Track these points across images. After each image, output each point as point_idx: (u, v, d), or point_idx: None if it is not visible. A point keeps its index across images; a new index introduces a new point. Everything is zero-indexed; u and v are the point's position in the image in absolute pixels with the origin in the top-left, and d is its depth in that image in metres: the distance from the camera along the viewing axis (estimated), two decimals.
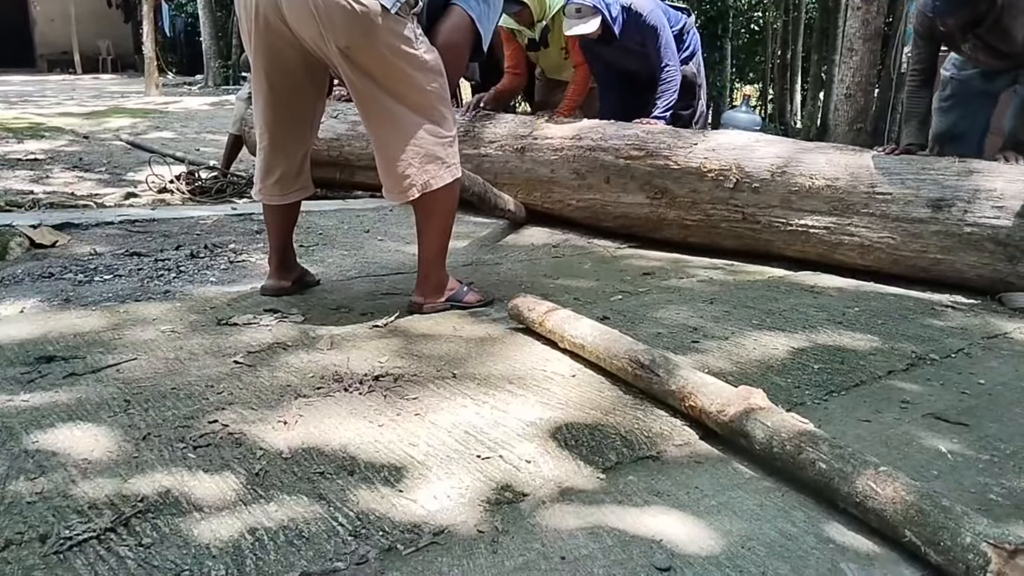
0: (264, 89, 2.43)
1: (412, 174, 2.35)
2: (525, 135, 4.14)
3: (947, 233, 2.96)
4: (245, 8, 2.29)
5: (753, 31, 20.73)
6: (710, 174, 3.48)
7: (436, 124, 2.36)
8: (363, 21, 2.16)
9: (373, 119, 2.37)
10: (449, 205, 2.48)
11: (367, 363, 2.00)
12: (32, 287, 2.74)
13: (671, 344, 2.24)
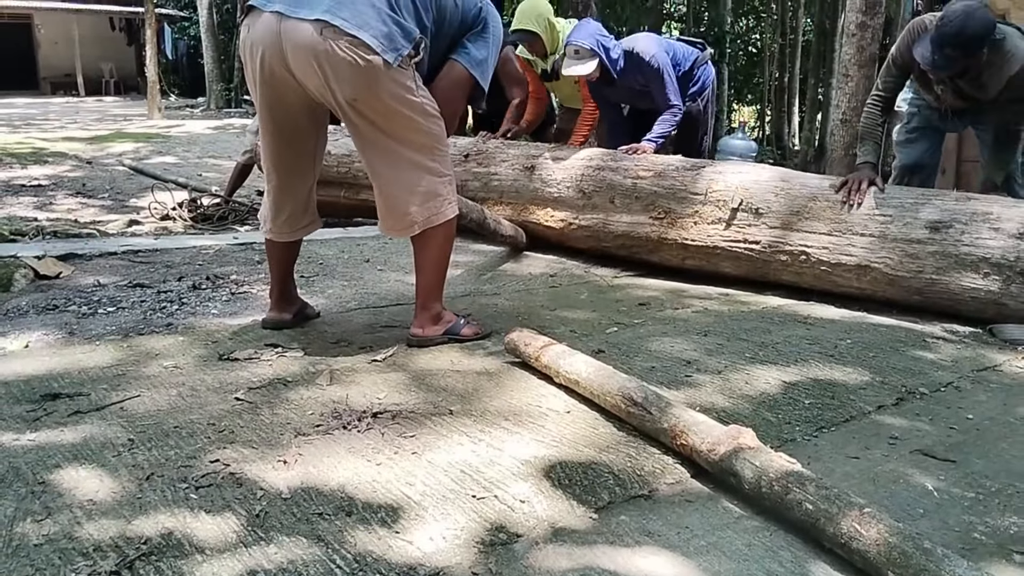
0: (270, 132, 2.49)
1: (414, 211, 2.42)
2: (536, 155, 4.22)
3: (944, 254, 3.02)
4: (251, 56, 2.36)
5: (751, 53, 20.90)
6: (714, 195, 3.54)
7: (436, 163, 2.44)
8: (367, 75, 2.22)
9: (376, 161, 2.44)
10: (447, 240, 2.54)
11: (366, 399, 2.04)
12: (37, 320, 2.78)
13: (664, 378, 2.27)
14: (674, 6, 20.47)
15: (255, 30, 2.32)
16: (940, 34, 3.05)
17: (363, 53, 2.20)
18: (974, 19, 3.00)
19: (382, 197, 2.47)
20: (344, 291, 3.29)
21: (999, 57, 3.13)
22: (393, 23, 2.26)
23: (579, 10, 8.16)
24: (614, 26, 15.25)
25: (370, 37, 2.21)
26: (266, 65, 2.31)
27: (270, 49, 2.29)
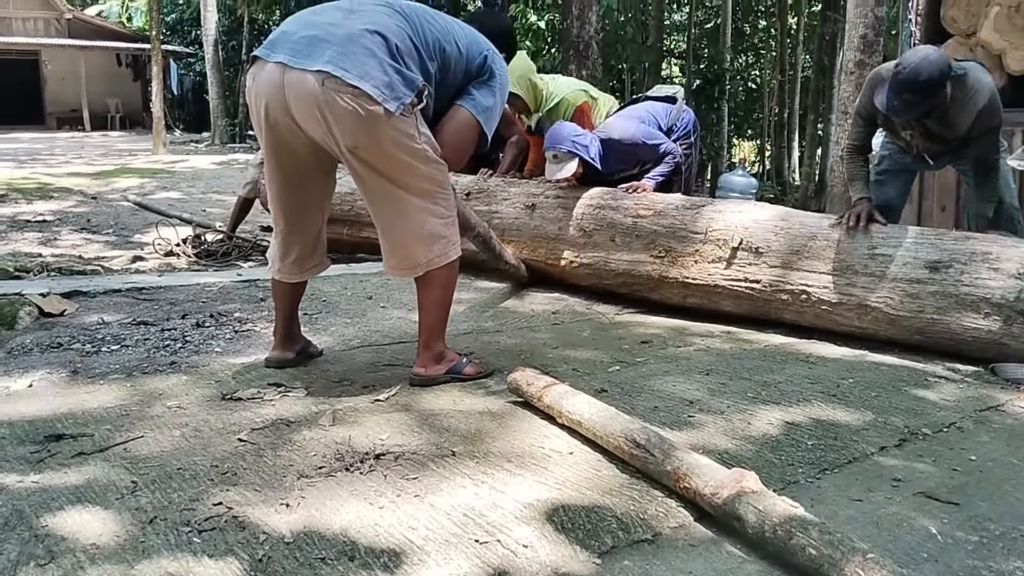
0: (278, 178, 2.53)
1: (418, 254, 2.45)
2: (537, 193, 4.26)
3: (944, 293, 3.03)
4: (255, 105, 2.40)
5: (750, 89, 21.10)
6: (714, 233, 3.57)
7: (439, 206, 2.47)
8: (368, 124, 2.26)
9: (379, 205, 2.47)
10: (449, 280, 2.56)
11: (368, 440, 2.04)
12: (41, 358, 2.79)
13: (667, 419, 2.28)
14: (674, 44, 20.72)
15: (259, 80, 2.37)
16: (898, 81, 3.11)
17: (364, 103, 2.24)
18: (929, 62, 3.07)
19: (386, 239, 2.50)
20: (347, 329, 3.31)
21: (963, 93, 3.19)
22: (395, 72, 2.29)
23: (580, 50, 8.26)
24: (614, 64, 15.45)
25: (371, 87, 2.24)
26: (271, 114, 2.36)
27: (274, 99, 2.33)
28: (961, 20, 5.41)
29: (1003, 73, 5.23)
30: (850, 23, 6.51)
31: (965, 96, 3.20)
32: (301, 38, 2.33)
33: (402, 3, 2.49)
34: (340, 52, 2.26)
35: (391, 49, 2.31)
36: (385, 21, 2.35)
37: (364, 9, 2.41)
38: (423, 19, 2.44)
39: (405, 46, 2.34)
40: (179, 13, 25.47)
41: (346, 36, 2.29)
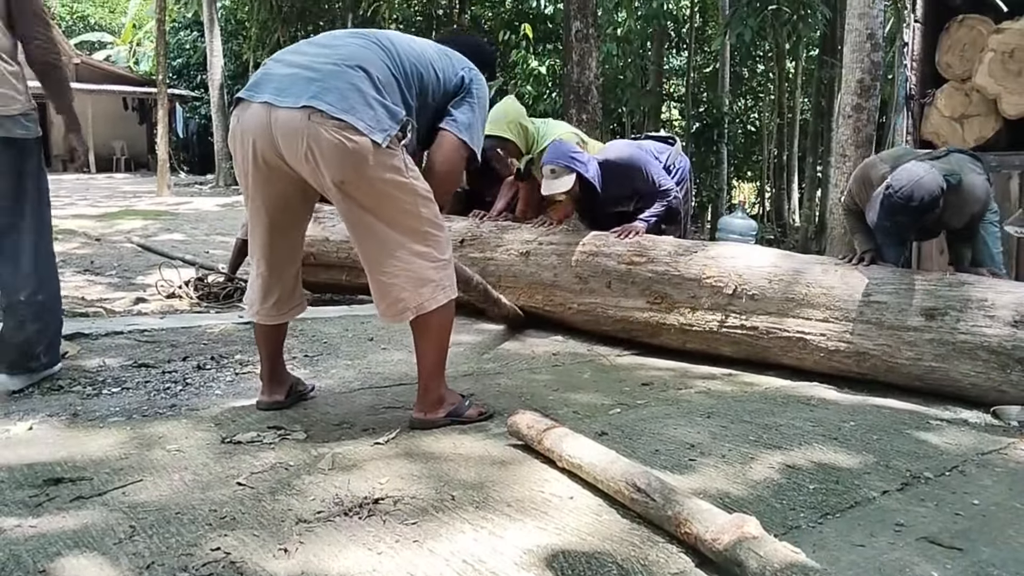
0: (263, 222, 2.53)
1: (406, 297, 2.43)
2: (530, 240, 4.28)
3: (941, 341, 3.03)
4: (242, 144, 2.42)
5: (749, 132, 21.30)
6: (709, 280, 3.58)
7: (429, 248, 2.45)
8: (355, 157, 2.28)
9: (366, 245, 2.46)
10: (444, 323, 2.54)
11: (367, 484, 2.04)
12: (41, 401, 2.79)
13: (668, 463, 2.27)
14: (673, 88, 20.97)
15: (244, 120, 2.39)
16: (890, 203, 3.10)
17: (350, 135, 2.26)
18: (921, 186, 3.04)
19: (374, 282, 2.49)
20: (347, 371, 3.31)
21: (959, 198, 3.22)
22: (379, 104, 2.33)
23: (580, 94, 8.37)
24: (614, 107, 15.62)
25: (356, 120, 2.27)
26: (259, 154, 2.38)
27: (261, 138, 2.35)
28: (956, 65, 5.49)
29: (998, 117, 5.29)
30: (847, 68, 6.61)
31: (961, 201, 3.23)
32: (284, 77, 2.36)
33: (378, 33, 2.55)
34: (324, 87, 2.29)
35: (373, 82, 2.34)
36: (365, 54, 2.39)
37: (343, 43, 2.45)
38: (400, 48, 2.48)
39: (386, 78, 2.38)
40: (186, 58, 25.87)
41: (328, 72, 2.33)
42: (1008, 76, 5.19)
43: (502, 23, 18.51)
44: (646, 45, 16.62)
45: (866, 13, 6.33)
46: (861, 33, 6.35)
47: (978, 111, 5.39)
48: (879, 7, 6.32)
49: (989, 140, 5.37)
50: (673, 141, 4.63)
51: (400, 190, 2.38)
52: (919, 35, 5.57)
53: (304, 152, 2.29)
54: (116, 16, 33.66)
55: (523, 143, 4.53)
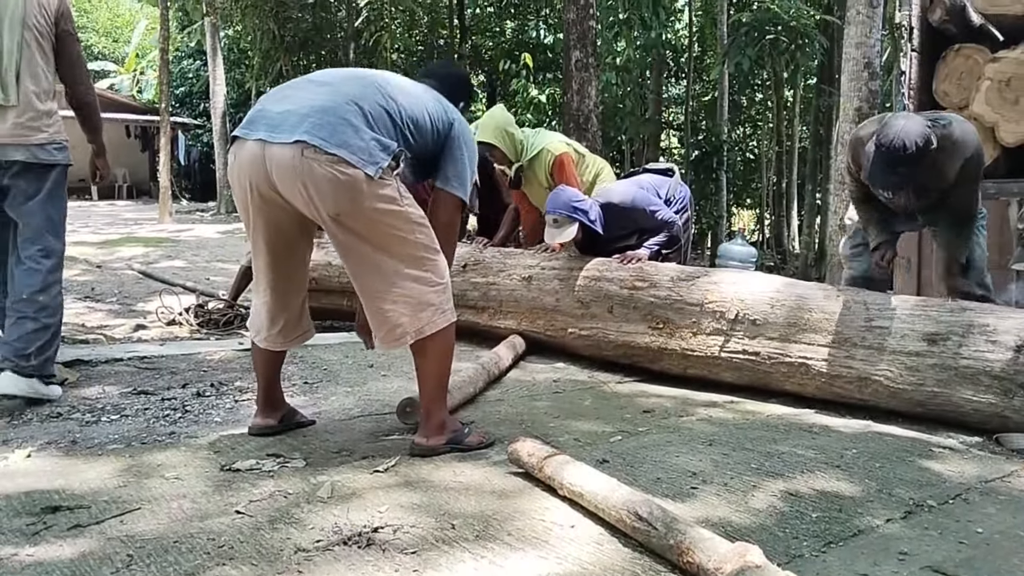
0: (264, 253, 2.56)
1: (405, 323, 2.43)
2: (532, 265, 4.29)
3: (943, 366, 3.03)
4: (239, 181, 2.45)
5: (748, 160, 21.42)
6: (711, 305, 3.58)
7: (427, 272, 2.46)
8: (349, 189, 2.30)
9: (363, 274, 2.46)
10: (445, 347, 2.54)
11: (367, 513, 2.02)
12: (40, 428, 2.78)
13: (670, 491, 2.25)
14: (672, 116, 21.13)
15: (240, 158, 2.42)
16: (884, 157, 3.02)
17: (343, 168, 2.29)
18: (907, 131, 2.98)
19: (371, 311, 2.49)
20: (347, 398, 3.30)
21: (951, 143, 3.15)
22: (371, 138, 2.36)
23: (579, 122, 8.43)
24: (614, 135, 15.73)
25: (349, 153, 2.30)
26: (255, 190, 2.41)
27: (256, 175, 2.38)
28: (953, 94, 5.53)
29: (996, 145, 5.32)
30: (845, 96, 6.68)
31: (953, 146, 3.16)
32: (278, 114, 2.40)
33: (370, 73, 2.60)
34: (316, 123, 2.32)
35: (365, 116, 2.38)
36: (358, 91, 2.43)
37: (336, 81, 2.50)
38: (392, 87, 2.52)
39: (377, 112, 2.41)
40: (188, 86, 26.08)
41: (321, 107, 2.37)
42: (1005, 104, 5.22)
43: (503, 53, 18.73)
44: (645, 74, 16.78)
45: (863, 43, 6.40)
46: (859, 62, 6.42)
47: None
48: (876, 37, 6.39)
49: (988, 168, 5.38)
50: (672, 172, 4.65)
51: (395, 218, 2.40)
52: (916, 64, 5.61)
53: (298, 187, 2.32)
54: (120, 46, 34.00)
55: (511, 150, 4.55)
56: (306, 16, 20.51)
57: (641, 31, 14.53)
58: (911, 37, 5.52)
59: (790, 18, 12.95)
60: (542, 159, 4.60)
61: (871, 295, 3.35)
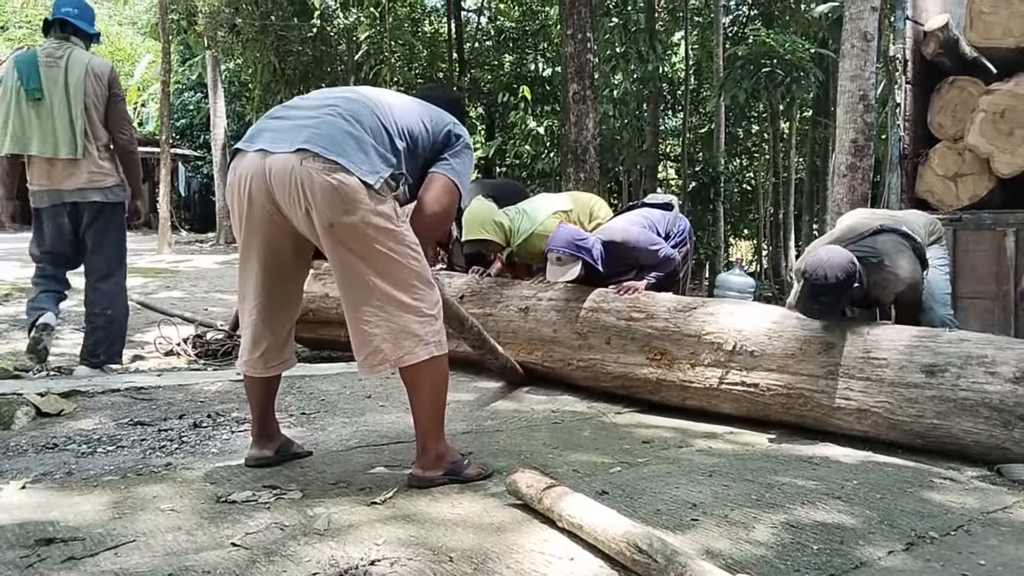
0: (256, 272, 2.55)
1: (385, 349, 2.41)
2: (529, 296, 4.29)
3: (942, 398, 3.01)
4: (239, 195, 2.46)
5: (745, 191, 21.53)
6: (708, 336, 3.58)
7: (416, 301, 2.44)
8: (346, 197, 2.31)
9: (351, 293, 2.44)
10: (436, 379, 2.51)
11: (363, 546, 2.00)
12: (36, 459, 2.76)
13: (670, 522, 2.23)
14: (670, 148, 21.28)
15: (242, 168, 2.44)
16: (809, 286, 3.28)
17: (342, 176, 2.31)
18: (831, 264, 3.25)
19: (354, 330, 2.46)
20: (344, 428, 3.28)
21: (882, 277, 3.44)
22: (372, 148, 2.38)
23: (577, 154, 8.48)
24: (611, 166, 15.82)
25: (348, 161, 2.32)
26: (255, 201, 2.42)
27: (256, 185, 2.40)
28: (948, 125, 5.58)
29: (991, 176, 5.36)
30: (840, 128, 6.72)
31: (883, 280, 3.45)
32: (278, 127, 2.44)
33: (366, 89, 2.63)
34: (317, 133, 2.36)
35: (365, 130, 2.41)
36: (357, 107, 2.47)
37: (335, 99, 2.52)
38: (389, 103, 2.55)
39: (376, 127, 2.44)
40: (189, 118, 26.28)
41: (322, 120, 2.41)
42: (1000, 136, 5.27)
43: (501, 85, 18.91)
44: (642, 106, 16.93)
45: (858, 75, 6.46)
46: (854, 95, 6.48)
47: (971, 170, 5.46)
48: (871, 69, 6.45)
49: (983, 198, 5.43)
50: (671, 207, 4.67)
51: (390, 238, 2.39)
52: (911, 96, 5.67)
53: (296, 195, 2.33)
54: (122, 79, 34.31)
55: (502, 238, 4.58)
56: (307, 49, 20.71)
57: (638, 64, 14.69)
58: (905, 70, 5.58)
59: (785, 51, 13.08)
60: (534, 239, 4.55)
61: (869, 326, 3.34)
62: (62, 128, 4.02)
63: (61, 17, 4.11)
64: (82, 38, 4.15)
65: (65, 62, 4.02)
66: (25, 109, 4.02)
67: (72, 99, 4.01)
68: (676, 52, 19.54)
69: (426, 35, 21.56)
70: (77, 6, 4.17)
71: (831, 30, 13.98)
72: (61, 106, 4.01)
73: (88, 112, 4.06)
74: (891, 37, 6.57)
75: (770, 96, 14.31)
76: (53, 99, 4.00)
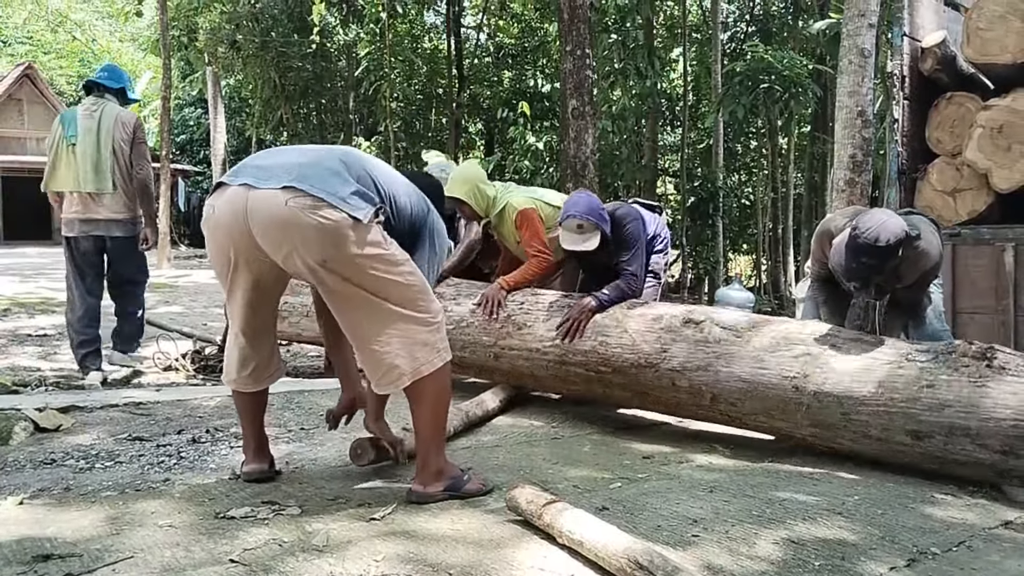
0: (239, 303, 2.55)
1: (401, 363, 2.42)
2: (491, 344, 3.97)
3: (932, 456, 2.90)
4: (215, 230, 2.44)
5: (744, 206, 21.57)
6: (684, 387, 3.40)
7: (420, 312, 2.46)
8: (334, 235, 2.30)
9: (355, 318, 2.45)
10: (440, 389, 2.51)
11: (362, 562, 1.99)
12: (33, 474, 2.75)
13: (671, 539, 2.22)
14: (668, 163, 21.35)
15: (221, 204, 2.42)
16: (856, 244, 3.13)
17: (328, 214, 2.30)
18: (887, 228, 3.11)
19: (365, 355, 2.47)
20: (344, 443, 3.26)
21: (916, 252, 3.29)
22: (356, 185, 2.38)
23: (576, 169, 8.51)
24: (610, 181, 15.87)
25: (335, 199, 2.31)
26: (234, 236, 2.40)
27: (236, 221, 2.37)
28: (946, 141, 5.60)
29: (990, 191, 5.37)
30: (838, 143, 6.74)
31: (916, 256, 3.30)
32: (264, 165, 2.45)
33: (354, 151, 2.66)
34: (303, 173, 2.35)
35: (351, 172, 2.42)
36: (343, 156, 2.50)
37: (319, 149, 2.57)
38: (374, 165, 2.58)
39: (363, 176, 2.45)
40: (189, 134, 26.37)
41: (307, 161, 2.42)
42: (998, 151, 5.28)
43: (501, 101, 19.00)
44: (641, 122, 17.02)
45: (856, 91, 6.49)
46: (852, 110, 6.50)
47: (970, 185, 5.47)
48: (869, 85, 6.48)
49: (982, 213, 5.43)
50: (660, 210, 4.64)
51: (383, 261, 2.39)
52: (909, 112, 5.69)
53: (279, 236, 2.33)
54: None
55: (480, 206, 4.35)
56: (307, 65, 20.84)
57: (636, 80, 14.77)
58: (903, 86, 5.60)
59: (783, 68, 13.16)
60: (506, 215, 4.38)
61: (845, 394, 3.05)
62: (92, 168, 4.79)
63: (96, 81, 5.08)
64: (115, 95, 5.01)
65: (99, 114, 4.85)
66: (65, 153, 4.82)
67: (102, 144, 4.80)
68: (674, 68, 19.66)
69: (426, 52, 21.67)
70: (108, 70, 5.18)
71: (828, 46, 14.04)
72: (92, 149, 4.79)
73: (116, 155, 4.83)
74: (888, 53, 6.61)
75: (768, 112, 14.37)
76: (86, 144, 4.79)
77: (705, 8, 20.38)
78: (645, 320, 3.61)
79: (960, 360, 2.93)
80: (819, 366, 3.13)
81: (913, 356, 3.04)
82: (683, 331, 3.48)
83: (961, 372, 2.90)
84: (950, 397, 2.86)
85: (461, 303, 4.19)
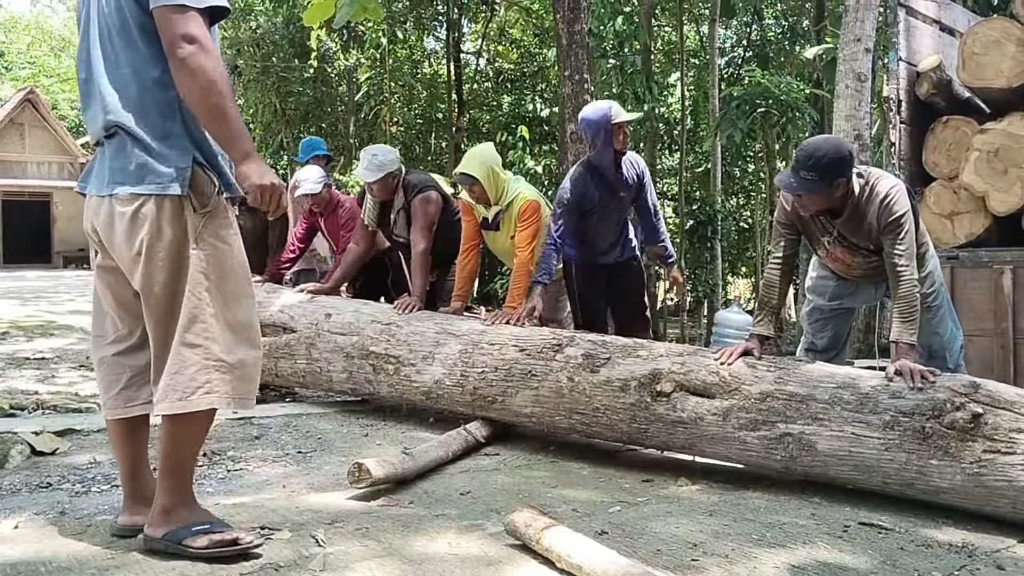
0: (109, 313, 2.37)
1: (161, 386, 2.13)
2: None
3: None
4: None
5: (742, 228, 21.63)
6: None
7: (200, 340, 2.14)
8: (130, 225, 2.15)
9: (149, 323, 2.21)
10: (189, 434, 2.20)
11: None
12: (29, 498, 2.74)
13: (670, 563, 2.21)
14: (666, 187, 21.43)
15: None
16: (796, 159, 3.17)
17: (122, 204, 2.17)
18: (827, 144, 3.17)
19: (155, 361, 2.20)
20: (340, 468, 3.24)
21: (867, 188, 3.20)
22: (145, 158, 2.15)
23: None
24: None
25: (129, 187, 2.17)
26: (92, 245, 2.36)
27: (89, 228, 2.33)
28: (943, 164, 5.62)
29: (987, 214, 5.39)
30: None
31: (870, 191, 3.21)
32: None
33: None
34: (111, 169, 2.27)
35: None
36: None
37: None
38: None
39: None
40: None
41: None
42: (994, 174, 5.30)
43: (500, 125, 19.12)
44: (639, 146, 17.09)
45: (853, 115, 6.55)
46: (848, 134, 6.55)
47: (967, 208, 5.49)
48: (865, 109, 6.53)
49: (980, 236, 5.45)
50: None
51: (166, 260, 2.14)
52: (905, 136, 5.72)
53: (112, 234, 2.24)
54: None
55: (492, 190, 4.25)
56: (307, 90, 20.99)
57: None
58: (899, 110, 5.64)
59: (780, 92, 13.26)
60: (515, 206, 4.30)
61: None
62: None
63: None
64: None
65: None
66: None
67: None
68: (672, 93, 19.77)
69: (426, 77, 21.85)
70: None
71: (825, 71, 14.17)
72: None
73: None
74: (884, 78, 6.67)
75: (766, 136, 14.47)
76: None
77: (703, 34, 20.57)
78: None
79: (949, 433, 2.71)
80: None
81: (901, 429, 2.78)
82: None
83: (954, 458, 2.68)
84: (944, 485, 2.71)
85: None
